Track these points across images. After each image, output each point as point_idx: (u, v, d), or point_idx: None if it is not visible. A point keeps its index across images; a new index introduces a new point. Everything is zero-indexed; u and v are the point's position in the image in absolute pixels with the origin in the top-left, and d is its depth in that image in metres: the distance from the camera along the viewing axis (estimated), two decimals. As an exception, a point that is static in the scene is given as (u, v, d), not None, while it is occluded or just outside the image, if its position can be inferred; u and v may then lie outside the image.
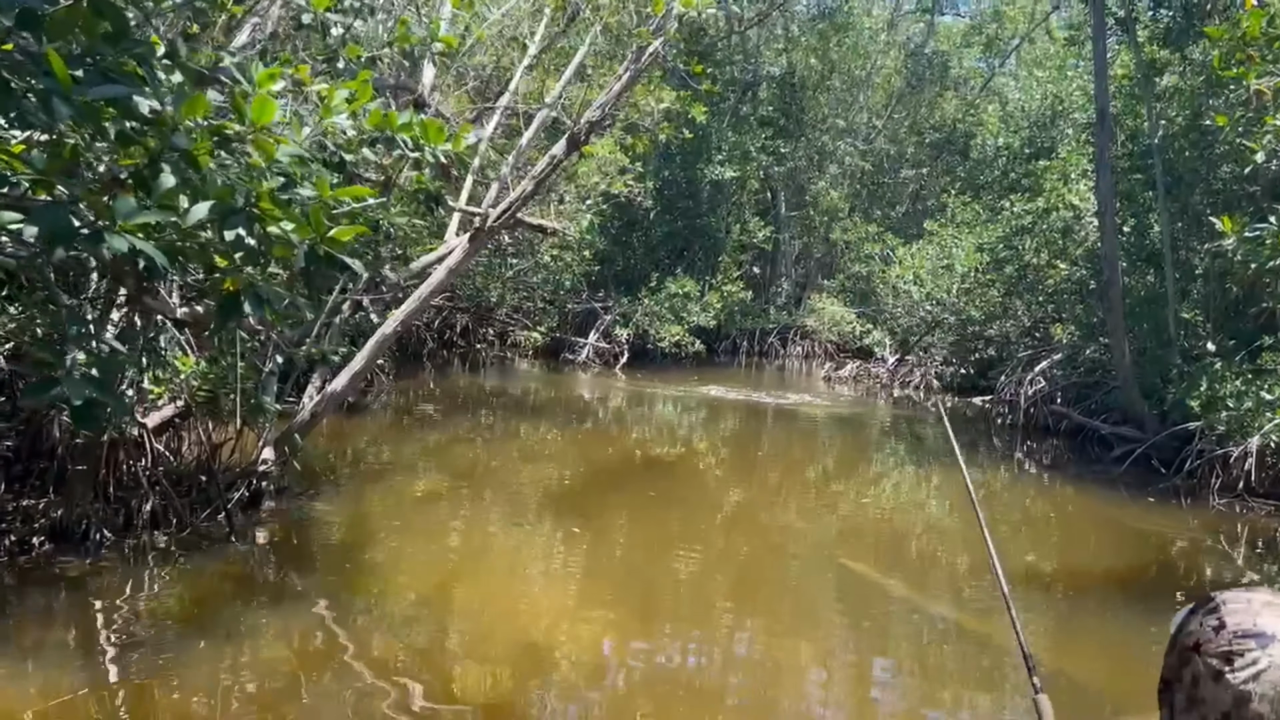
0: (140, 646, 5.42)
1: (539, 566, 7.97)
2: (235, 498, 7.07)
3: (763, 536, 9.70)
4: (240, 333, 6.44)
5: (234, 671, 5.23)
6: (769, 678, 6.15)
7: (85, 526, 6.15)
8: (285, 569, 6.98)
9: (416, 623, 6.36)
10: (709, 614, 7.19)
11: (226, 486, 7.01)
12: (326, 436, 12.00)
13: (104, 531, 6.27)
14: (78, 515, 6.12)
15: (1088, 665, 6.75)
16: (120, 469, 6.45)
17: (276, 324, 4.37)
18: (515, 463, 11.95)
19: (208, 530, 6.87)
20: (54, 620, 5.68)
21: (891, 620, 7.58)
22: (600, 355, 22.45)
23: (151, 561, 6.42)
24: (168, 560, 6.49)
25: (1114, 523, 11.22)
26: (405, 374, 17.66)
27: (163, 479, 6.64)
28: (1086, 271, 18.45)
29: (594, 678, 5.88)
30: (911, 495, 12.32)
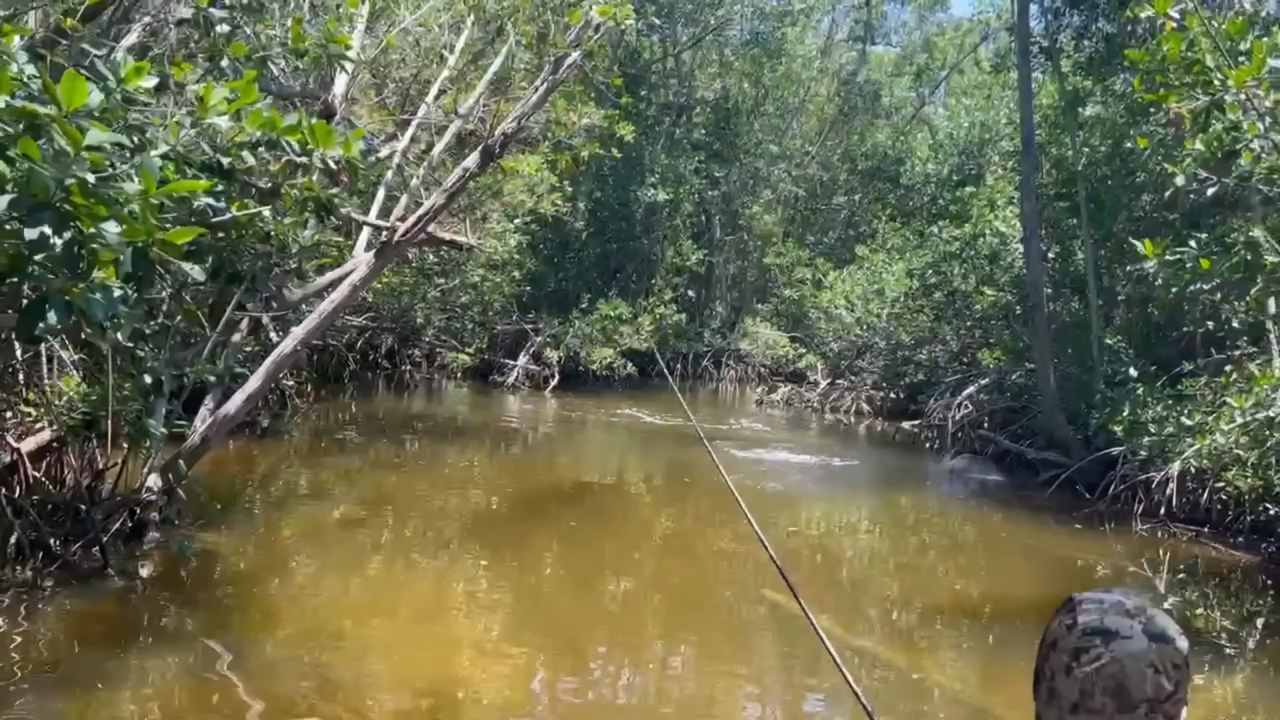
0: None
1: (461, 598, 7.58)
2: (114, 529, 6.55)
3: (695, 565, 9.42)
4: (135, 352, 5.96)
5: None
6: (698, 712, 5.98)
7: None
8: (167, 607, 6.47)
9: (321, 663, 5.90)
10: (638, 646, 6.97)
11: (105, 516, 6.50)
12: (234, 461, 11.44)
13: (-42, 568, 5.72)
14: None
15: (1008, 694, 6.57)
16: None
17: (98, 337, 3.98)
18: (439, 489, 11.51)
19: (82, 564, 6.34)
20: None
21: (821, 654, 7.32)
22: (530, 378, 22.05)
23: (11, 599, 5.84)
24: (32, 597, 5.92)
25: (1039, 549, 11.15)
26: (325, 396, 17.07)
27: (30, 507, 6.11)
28: (1013, 297, 18.62)
29: (520, 710, 5.60)
30: (844, 521, 12.14)
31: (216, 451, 11.53)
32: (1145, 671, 1.35)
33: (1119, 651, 1.36)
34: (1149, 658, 1.36)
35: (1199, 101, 6.60)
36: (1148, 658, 1.36)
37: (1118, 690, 1.35)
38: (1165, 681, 1.35)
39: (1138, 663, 1.35)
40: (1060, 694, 1.39)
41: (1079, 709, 1.37)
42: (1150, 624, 1.39)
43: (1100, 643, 1.38)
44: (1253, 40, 6.53)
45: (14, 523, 5.95)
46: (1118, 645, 1.37)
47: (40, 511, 6.29)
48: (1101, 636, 1.38)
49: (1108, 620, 1.39)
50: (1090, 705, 1.36)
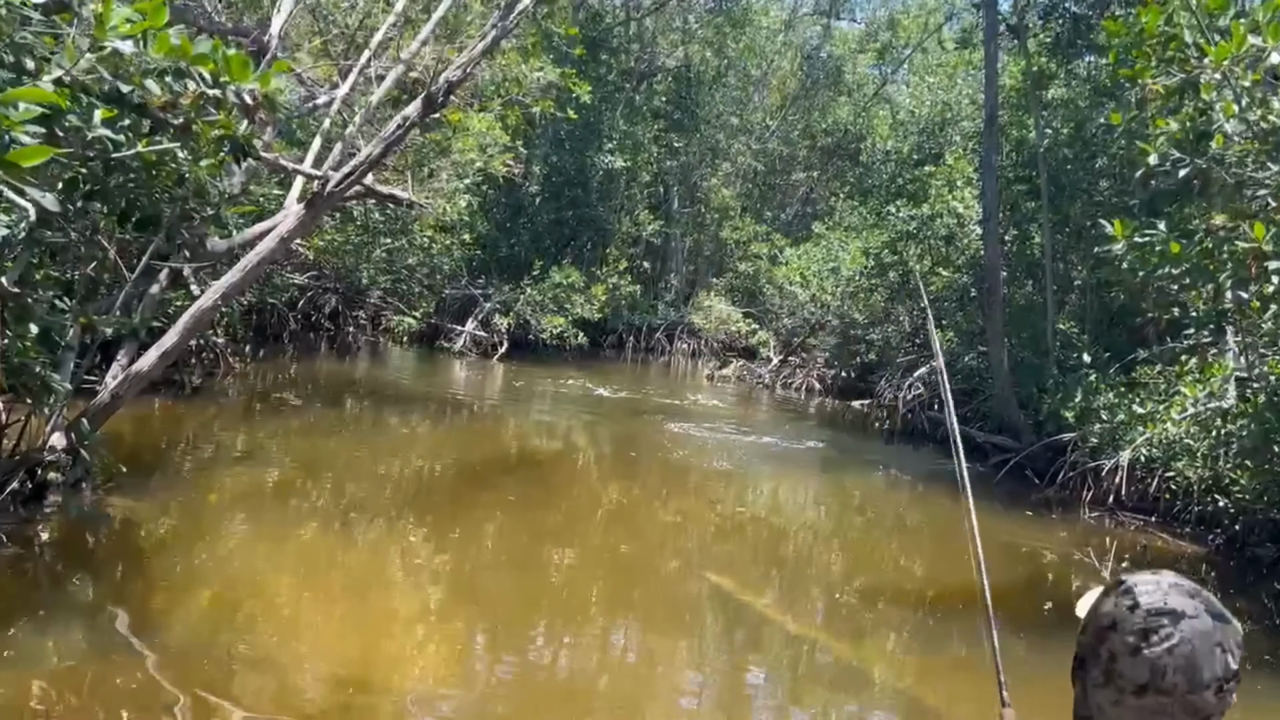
0: None
1: (398, 569, 7.22)
2: (10, 489, 6.05)
3: (639, 540, 9.12)
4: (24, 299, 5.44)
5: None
6: (638, 687, 5.84)
7: None
8: (69, 576, 6.01)
9: (244, 639, 5.50)
10: (580, 620, 6.72)
11: (3, 478, 6.00)
12: (160, 422, 10.89)
13: None
14: None
15: (952, 681, 6.39)
16: None
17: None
18: (379, 455, 11.06)
19: (-28, 529, 5.85)
20: None
21: (760, 635, 7.09)
22: (478, 344, 21.54)
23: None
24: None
25: (987, 534, 10.92)
26: (264, 357, 16.47)
27: (-91, 468, 5.61)
28: (968, 279, 18.51)
29: (456, 687, 5.34)
30: (790, 500, 11.93)
31: (140, 411, 11.00)
32: (1215, 650, 1.37)
33: (1189, 631, 1.37)
34: (1216, 636, 1.38)
35: (1174, 79, 6.36)
36: (1215, 637, 1.38)
37: (1190, 669, 1.36)
38: (1231, 660, 1.38)
39: (1207, 641, 1.37)
40: (1124, 675, 1.39)
41: (1148, 690, 1.37)
42: (1210, 604, 1.41)
43: (1169, 623, 1.38)
44: (1231, 21, 6.29)
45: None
46: (1187, 625, 1.38)
47: (-73, 470, 5.79)
48: (1169, 617, 1.38)
49: (1171, 600, 1.40)
50: (1162, 685, 1.36)
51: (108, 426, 9.35)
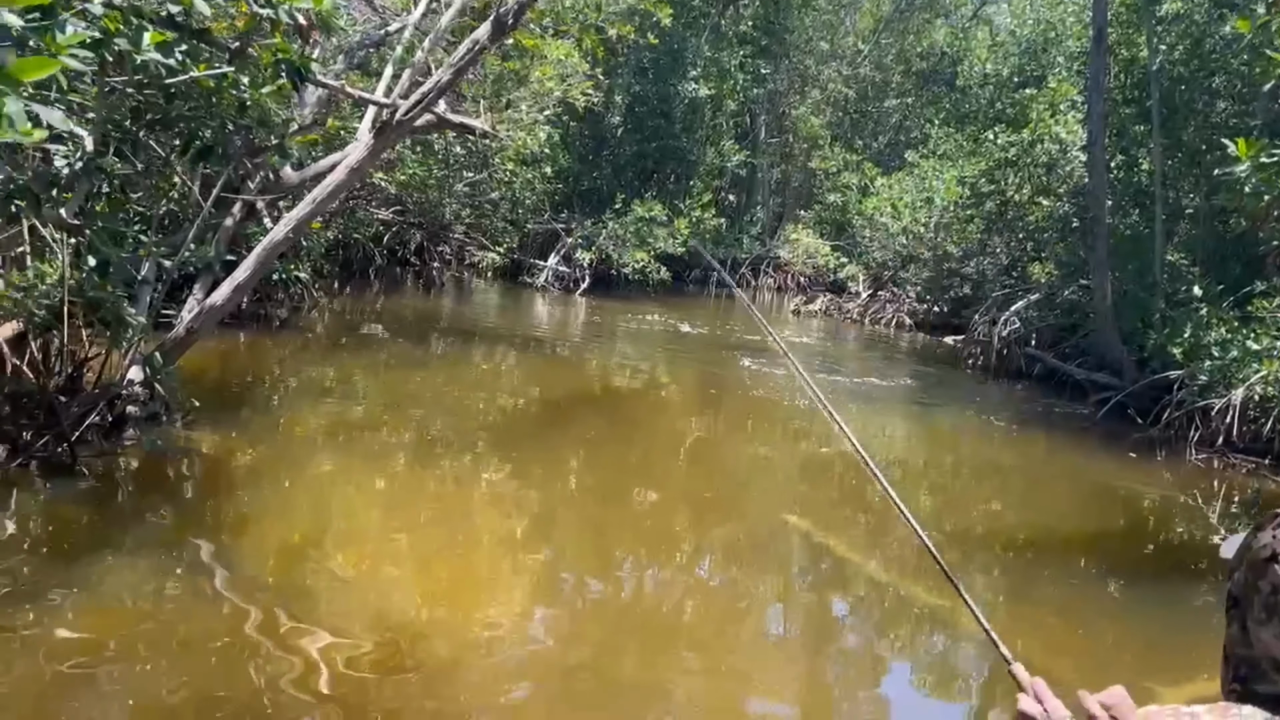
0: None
1: (484, 502, 7.23)
2: (91, 423, 6.13)
3: (721, 476, 8.96)
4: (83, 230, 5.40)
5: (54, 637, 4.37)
6: (720, 620, 5.76)
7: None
8: (150, 506, 6.09)
9: (330, 566, 5.54)
10: (661, 553, 6.65)
11: (81, 409, 6.08)
12: (246, 355, 11.06)
13: (-87, 460, 5.33)
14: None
15: (1045, 631, 6.09)
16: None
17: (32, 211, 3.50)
18: (464, 390, 11.06)
19: (56, 460, 5.94)
20: None
21: (843, 575, 6.88)
22: (560, 279, 21.45)
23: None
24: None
25: (1083, 475, 10.54)
26: (350, 292, 16.64)
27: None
28: (1070, 208, 17.60)
29: (539, 615, 5.32)
30: (877, 438, 11.59)
31: (228, 345, 11.19)
32: None
33: None
34: None
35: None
36: None
37: None
38: None
39: None
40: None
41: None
42: None
43: None
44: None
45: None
46: None
47: (13, 402, 5.89)
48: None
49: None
50: None
51: (195, 360, 9.51)
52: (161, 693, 4.07)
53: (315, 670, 4.36)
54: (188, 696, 4.10)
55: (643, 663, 4.95)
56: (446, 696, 4.40)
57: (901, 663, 5.74)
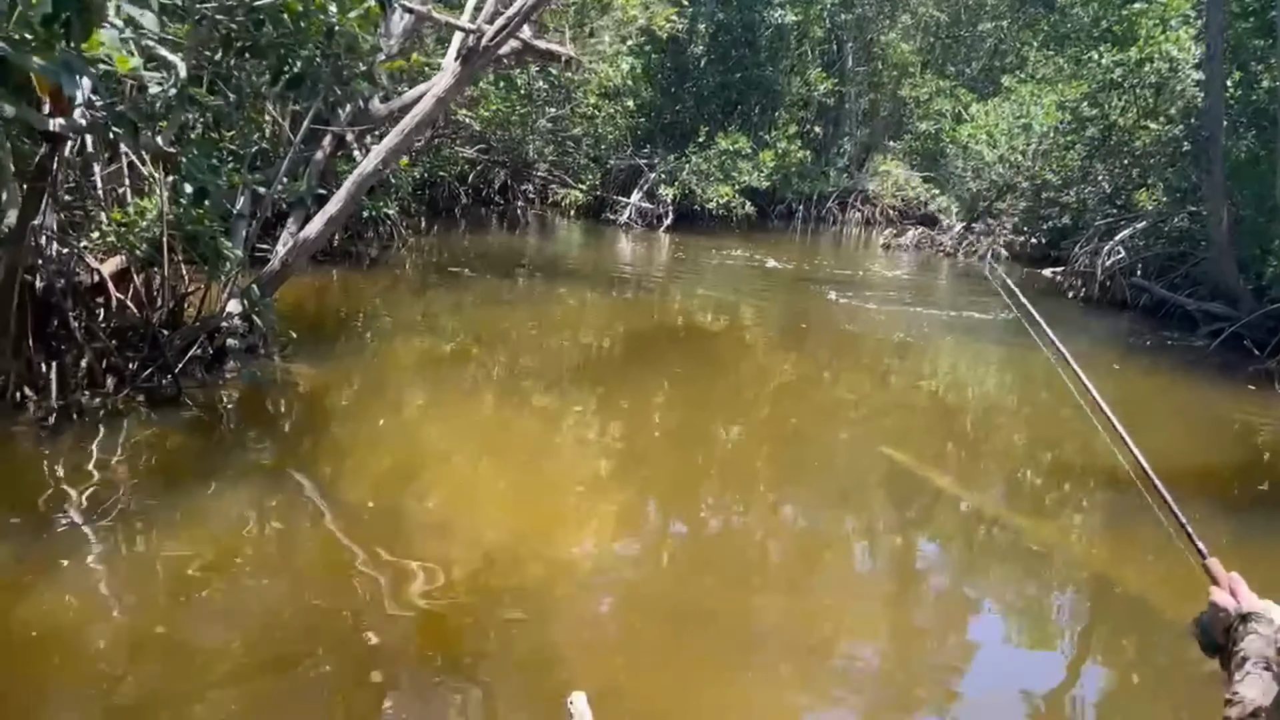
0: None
1: (570, 437, 7.24)
2: (192, 355, 6.25)
3: (810, 411, 8.80)
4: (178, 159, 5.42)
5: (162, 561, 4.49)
6: (808, 554, 5.73)
7: (2, 384, 5.37)
8: (251, 438, 6.22)
9: (421, 499, 5.64)
10: (750, 489, 6.59)
11: (183, 342, 6.20)
12: (338, 292, 11.21)
13: (24, 391, 5.48)
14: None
15: (1150, 568, 5.83)
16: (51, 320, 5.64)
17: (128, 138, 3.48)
18: (550, 327, 11.06)
19: (161, 391, 6.07)
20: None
21: (937, 510, 6.71)
22: (643, 216, 21.24)
23: (82, 426, 5.59)
24: (109, 424, 5.67)
25: (1195, 408, 10.07)
26: (437, 231, 16.74)
27: (102, 332, 5.82)
28: (1181, 131, 16.64)
29: (627, 549, 5.34)
30: (971, 375, 11.25)
31: (321, 282, 11.36)
32: None
33: None
34: None
35: None
36: None
37: None
38: None
39: None
40: None
41: None
42: None
43: None
44: None
45: (84, 346, 5.68)
46: None
47: (118, 336, 6.02)
48: None
49: None
50: None
51: (292, 296, 9.67)
52: (264, 612, 4.16)
53: (410, 598, 4.40)
54: (290, 617, 4.17)
55: (730, 598, 4.87)
56: (537, 626, 4.39)
57: (1001, 601, 5.56)
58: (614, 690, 3.97)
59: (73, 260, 5.86)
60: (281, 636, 4.01)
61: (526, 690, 3.83)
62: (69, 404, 5.51)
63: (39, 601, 4.01)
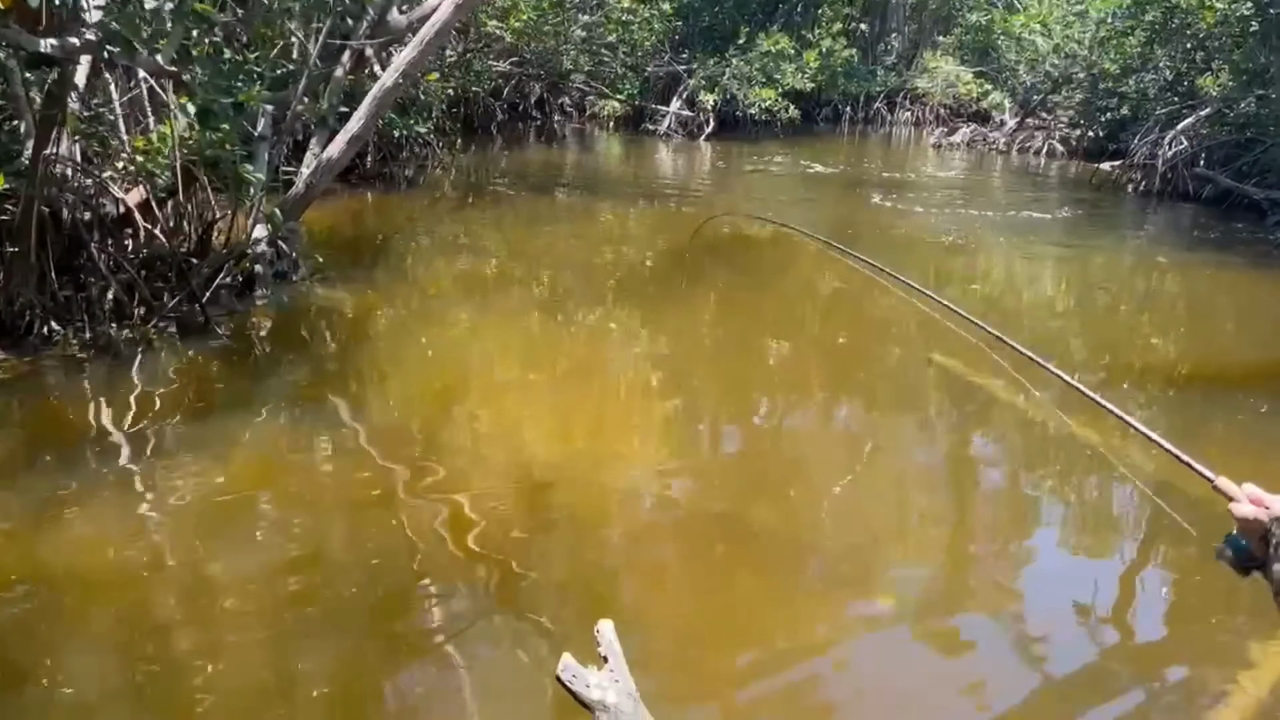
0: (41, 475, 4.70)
1: (617, 352, 7.11)
2: (221, 283, 6.19)
3: (860, 321, 8.56)
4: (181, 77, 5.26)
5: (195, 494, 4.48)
6: (862, 462, 5.60)
7: (28, 318, 5.36)
8: (288, 364, 6.17)
9: (470, 418, 5.59)
10: (800, 400, 6.45)
11: (212, 270, 6.13)
12: (374, 214, 11.11)
13: (51, 324, 5.46)
14: (20, 306, 5.30)
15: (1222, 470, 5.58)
16: (75, 251, 5.59)
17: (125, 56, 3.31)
18: (591, 243, 10.86)
19: (191, 320, 6.03)
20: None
21: (990, 414, 6.50)
22: (684, 125, 20.74)
23: (114, 358, 5.57)
24: (127, 358, 5.61)
25: (1263, 304, 9.63)
26: (473, 149, 16.50)
27: (127, 263, 5.77)
28: (1249, 9, 15.68)
29: (679, 462, 5.23)
30: (1024, 277, 10.87)
31: (356, 205, 11.25)
32: None
33: None
34: None
35: None
36: None
37: None
38: None
39: None
40: None
41: None
42: None
43: None
44: None
45: (110, 278, 5.63)
46: None
47: (147, 266, 5.97)
48: None
49: None
50: None
51: (327, 220, 9.58)
52: (306, 540, 4.13)
53: (459, 520, 4.35)
54: (338, 542, 4.16)
55: (780, 514, 4.76)
56: (588, 545, 4.33)
57: (1057, 505, 5.39)
58: (654, 611, 3.91)
59: (97, 191, 5.78)
60: (323, 563, 3.99)
61: (563, 615, 3.77)
62: (97, 336, 5.48)
63: (76, 536, 4.03)
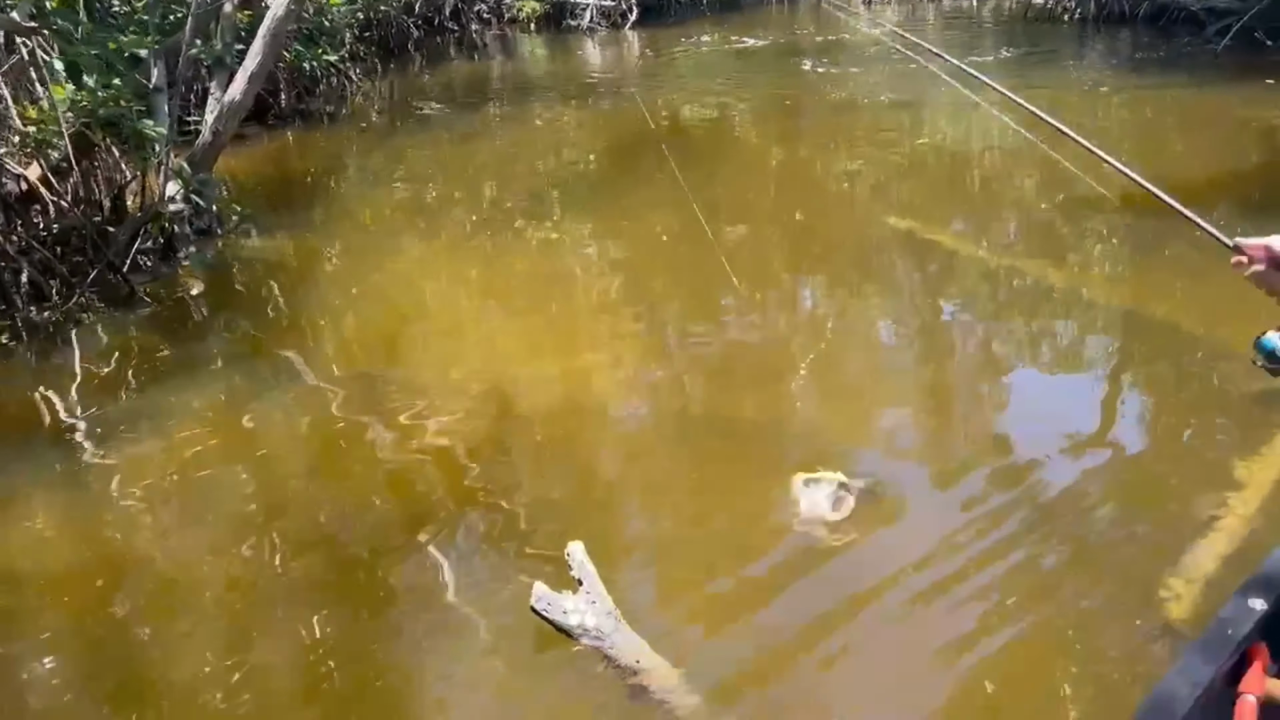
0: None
1: (574, 262, 6.90)
2: (141, 248, 5.88)
3: (812, 194, 8.39)
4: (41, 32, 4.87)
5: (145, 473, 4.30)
6: (832, 340, 5.49)
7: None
8: (215, 324, 5.87)
9: (426, 353, 5.39)
10: (765, 285, 6.25)
11: (129, 235, 5.82)
12: (300, 154, 10.67)
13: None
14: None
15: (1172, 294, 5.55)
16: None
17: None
18: (530, 153, 10.47)
19: (112, 292, 5.73)
20: None
21: (953, 270, 6.39)
22: (606, 16, 20.00)
23: (43, 339, 5.28)
24: (55, 339, 5.31)
25: (1208, 114, 9.52)
26: (393, 72, 15.84)
27: (36, 242, 5.45)
28: None
29: (652, 365, 5.08)
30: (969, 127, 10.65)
31: (277, 147, 10.78)
32: None
33: None
34: None
35: None
36: None
37: None
38: None
39: None
40: None
41: None
42: None
43: None
44: None
45: (21, 260, 5.33)
46: None
47: (60, 241, 5.65)
48: None
49: None
50: None
51: (251, 168, 9.19)
52: (269, 495, 4.01)
53: (428, 453, 4.25)
54: (308, 491, 4.05)
55: (759, 403, 4.65)
56: (562, 466, 4.20)
57: (1031, 346, 5.33)
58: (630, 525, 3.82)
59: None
60: (289, 515, 3.87)
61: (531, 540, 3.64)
62: (15, 324, 5.21)
63: (35, 527, 3.86)
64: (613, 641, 2.82)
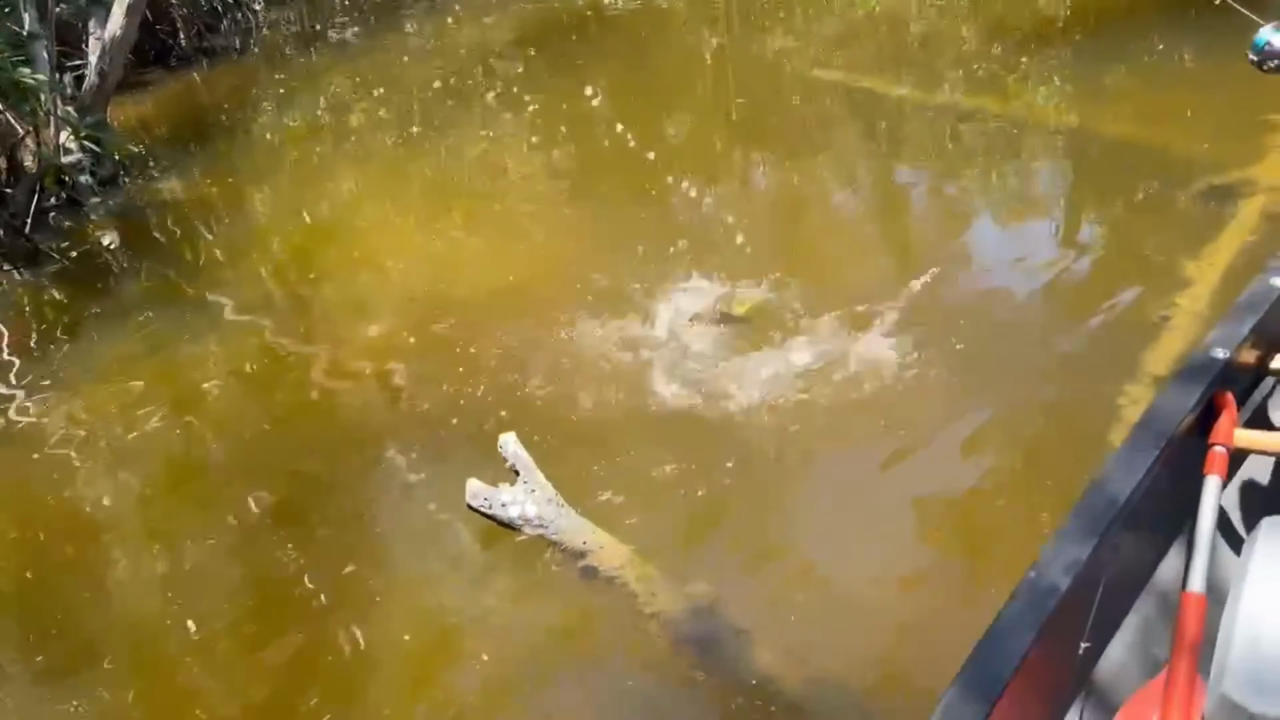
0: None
1: (513, 169, 6.56)
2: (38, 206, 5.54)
3: (751, 71, 8.06)
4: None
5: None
6: (793, 215, 5.34)
7: None
8: (137, 273, 5.56)
9: (367, 276, 5.11)
10: (714, 171, 6.02)
11: (28, 193, 5.49)
12: (209, 93, 10.16)
13: None
14: None
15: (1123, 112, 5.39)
16: None
17: None
18: (451, 59, 9.91)
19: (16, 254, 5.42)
20: None
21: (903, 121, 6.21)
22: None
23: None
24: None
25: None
26: None
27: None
28: None
29: (608, 264, 4.81)
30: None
31: (182, 88, 10.26)
32: None
33: None
34: None
35: None
36: None
37: None
38: None
39: None
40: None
41: None
42: None
43: None
44: None
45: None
46: None
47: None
48: None
49: None
50: None
51: (160, 112, 8.78)
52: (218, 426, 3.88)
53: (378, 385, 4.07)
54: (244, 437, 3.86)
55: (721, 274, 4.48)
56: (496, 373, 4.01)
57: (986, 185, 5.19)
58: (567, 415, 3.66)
59: None
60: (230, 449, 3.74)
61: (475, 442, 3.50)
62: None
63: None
64: (557, 527, 2.70)
